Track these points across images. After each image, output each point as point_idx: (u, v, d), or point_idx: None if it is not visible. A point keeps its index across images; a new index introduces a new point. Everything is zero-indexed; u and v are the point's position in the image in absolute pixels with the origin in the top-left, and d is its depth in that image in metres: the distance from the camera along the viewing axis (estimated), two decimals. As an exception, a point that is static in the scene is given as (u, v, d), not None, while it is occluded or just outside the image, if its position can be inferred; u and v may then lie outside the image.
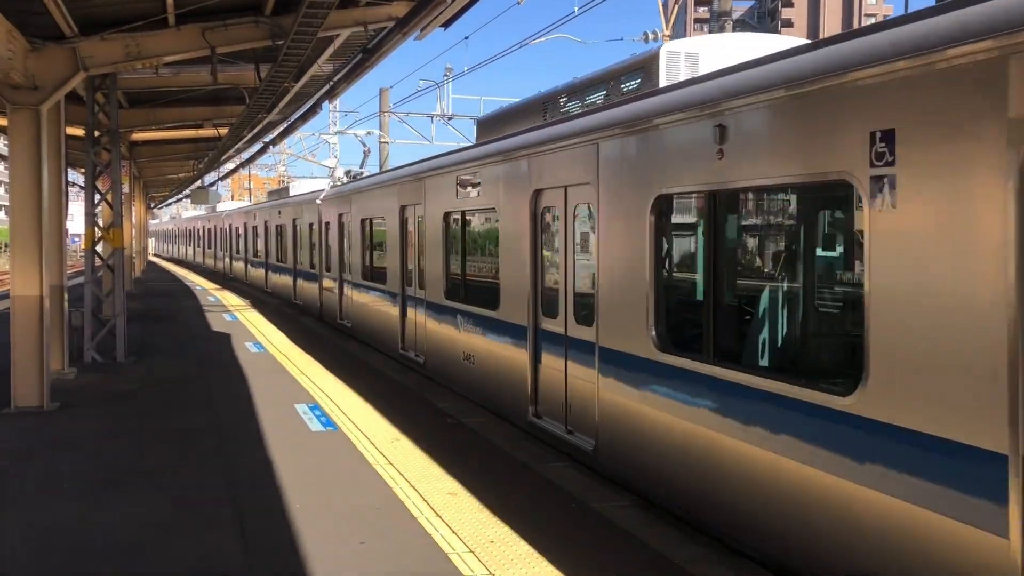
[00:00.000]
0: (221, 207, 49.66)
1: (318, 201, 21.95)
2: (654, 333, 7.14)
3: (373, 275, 16.63)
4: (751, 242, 7.06)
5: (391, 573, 5.57)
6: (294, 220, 25.47)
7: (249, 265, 35.41)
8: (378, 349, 16.26)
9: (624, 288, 7.55)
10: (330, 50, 13.41)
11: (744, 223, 6.99)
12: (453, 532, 6.26)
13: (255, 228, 33.51)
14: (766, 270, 6.82)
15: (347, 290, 19.04)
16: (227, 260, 43.22)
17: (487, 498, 7.07)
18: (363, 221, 17.23)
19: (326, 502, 6.95)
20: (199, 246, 57.37)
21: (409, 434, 9.27)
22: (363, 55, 12.53)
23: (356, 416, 10.14)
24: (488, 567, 5.63)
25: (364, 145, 28.82)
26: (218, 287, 33.77)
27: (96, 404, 10.96)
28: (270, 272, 30.36)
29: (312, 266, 23.01)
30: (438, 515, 6.62)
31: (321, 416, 10.09)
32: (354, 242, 17.91)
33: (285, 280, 27.52)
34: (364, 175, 21.13)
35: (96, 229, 14.89)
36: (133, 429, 9.60)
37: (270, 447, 8.67)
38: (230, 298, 28.26)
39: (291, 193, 28.72)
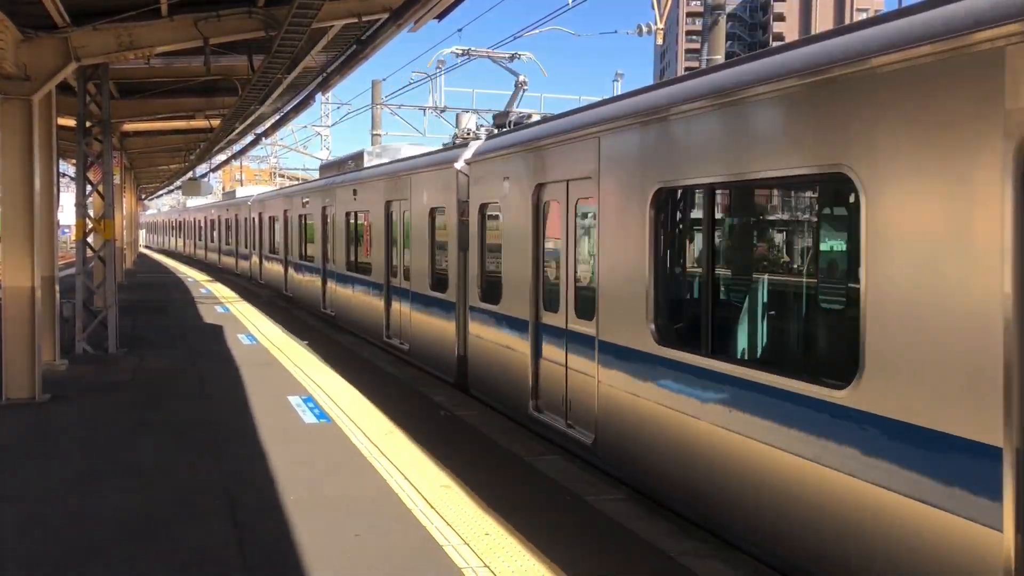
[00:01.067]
0: (245, 191, 40.65)
1: (459, 166, 12.82)
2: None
3: (686, 335, 7.51)
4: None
5: (386, 565, 5.56)
6: (389, 204, 16.07)
7: (292, 271, 25.55)
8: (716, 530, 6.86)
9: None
10: (324, 41, 13.34)
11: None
12: (448, 524, 6.26)
13: (304, 218, 23.72)
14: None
15: (551, 350, 9.81)
16: (254, 261, 33.10)
17: (481, 491, 7.07)
18: (671, 193, 7.72)
19: (320, 494, 6.94)
20: (212, 241, 46.39)
21: (403, 426, 9.26)
22: (357, 46, 12.48)
23: (350, 408, 10.12)
24: (483, 559, 5.63)
25: (516, 75, 16.16)
26: (210, 279, 33.57)
27: (88, 396, 10.92)
28: (331, 284, 20.58)
29: (436, 286, 13.75)
30: (433, 508, 6.62)
31: (314, 408, 10.07)
32: (605, 246, 8.53)
33: (367, 303, 17.52)
34: (533, 118, 12.93)
35: (87, 220, 14.82)
36: (125, 421, 9.57)
37: (263, 439, 8.65)
38: (222, 290, 28.15)
39: (367, 163, 18.90)
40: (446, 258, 13.50)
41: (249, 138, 27.49)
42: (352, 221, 19.08)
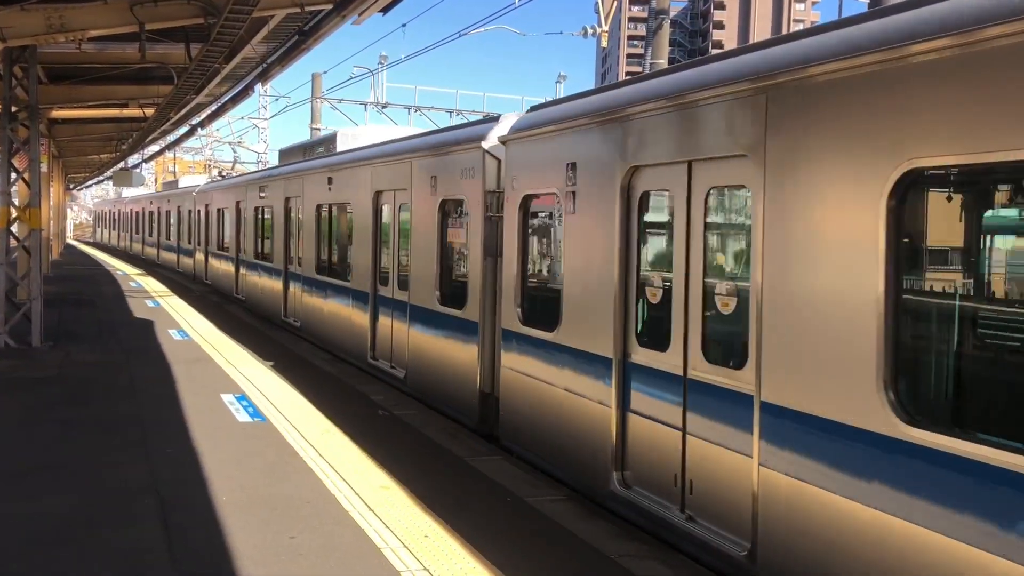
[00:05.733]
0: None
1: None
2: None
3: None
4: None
5: (323, 569, 5.43)
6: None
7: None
8: None
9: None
10: (264, 31, 13.06)
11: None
12: (386, 526, 6.14)
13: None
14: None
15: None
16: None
17: (421, 492, 6.96)
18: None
19: (254, 495, 6.75)
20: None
21: (340, 426, 9.09)
22: (299, 37, 12.27)
23: (285, 407, 9.91)
24: (422, 562, 5.53)
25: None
26: (141, 272, 32.73)
27: (10, 391, 10.49)
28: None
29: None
30: (371, 509, 6.49)
31: (248, 407, 9.83)
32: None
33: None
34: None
35: (11, 209, 14.26)
36: (50, 418, 9.21)
37: (195, 438, 8.40)
38: (152, 284, 27.45)
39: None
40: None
41: (184, 129, 26.84)
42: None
